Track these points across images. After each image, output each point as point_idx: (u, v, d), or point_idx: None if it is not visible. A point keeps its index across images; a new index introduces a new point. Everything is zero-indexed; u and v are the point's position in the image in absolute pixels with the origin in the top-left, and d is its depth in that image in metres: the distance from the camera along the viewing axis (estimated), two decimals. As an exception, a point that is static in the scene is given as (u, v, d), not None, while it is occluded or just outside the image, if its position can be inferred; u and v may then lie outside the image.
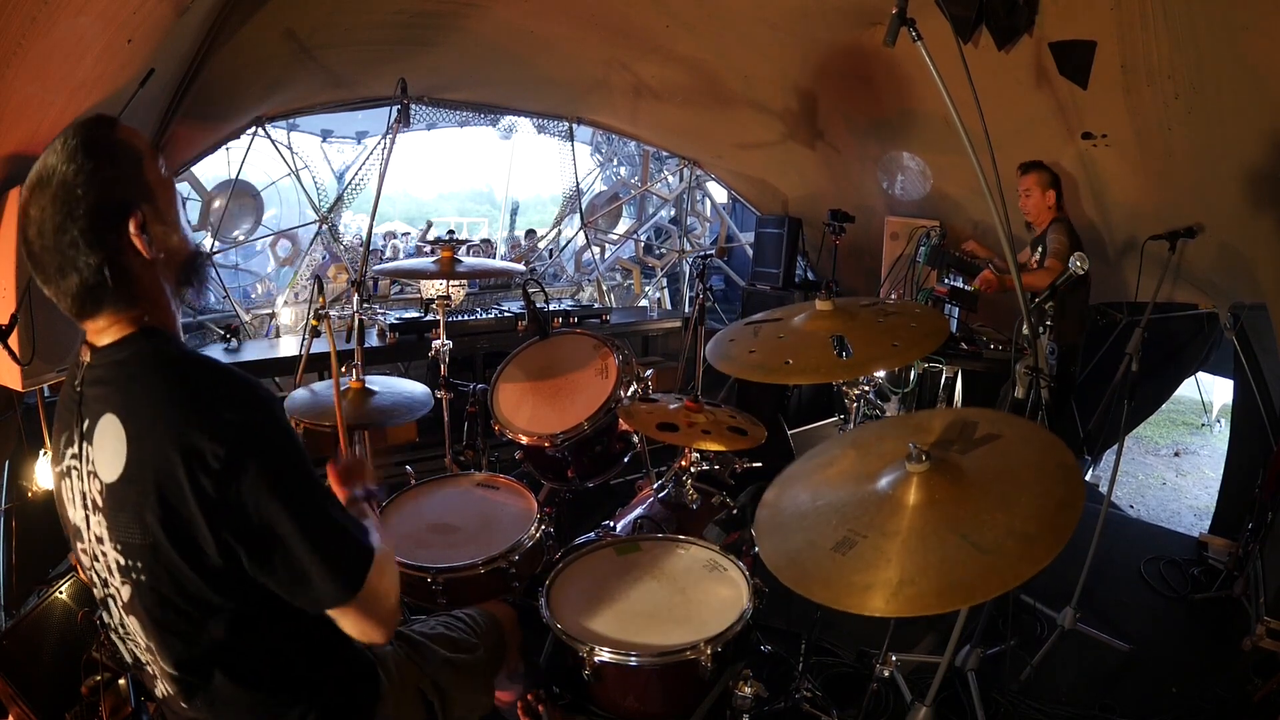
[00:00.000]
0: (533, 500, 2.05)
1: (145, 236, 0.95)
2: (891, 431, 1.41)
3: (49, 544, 2.23)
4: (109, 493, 0.93)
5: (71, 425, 0.98)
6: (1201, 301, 3.45)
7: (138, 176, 0.96)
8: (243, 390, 0.95)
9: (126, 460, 0.90)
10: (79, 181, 0.90)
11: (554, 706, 1.49)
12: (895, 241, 4.19)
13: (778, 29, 3.33)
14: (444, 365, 2.60)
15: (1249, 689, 2.20)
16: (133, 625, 0.98)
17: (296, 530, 0.93)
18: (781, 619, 2.31)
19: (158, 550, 0.90)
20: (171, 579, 0.92)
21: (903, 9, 1.69)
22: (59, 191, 0.90)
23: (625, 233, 6.17)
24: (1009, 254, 1.92)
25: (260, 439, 0.93)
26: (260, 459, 0.91)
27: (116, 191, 0.93)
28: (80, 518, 0.99)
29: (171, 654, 0.97)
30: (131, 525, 0.91)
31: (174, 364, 0.96)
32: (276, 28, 2.93)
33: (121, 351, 0.96)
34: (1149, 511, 4.93)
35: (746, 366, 1.70)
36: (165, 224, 0.99)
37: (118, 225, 0.93)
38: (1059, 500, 1.09)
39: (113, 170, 0.93)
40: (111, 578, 0.97)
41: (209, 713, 1.00)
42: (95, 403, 0.95)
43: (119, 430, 0.91)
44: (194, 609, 0.94)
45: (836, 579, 1.10)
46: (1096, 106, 2.81)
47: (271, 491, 0.91)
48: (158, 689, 1.04)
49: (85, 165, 0.90)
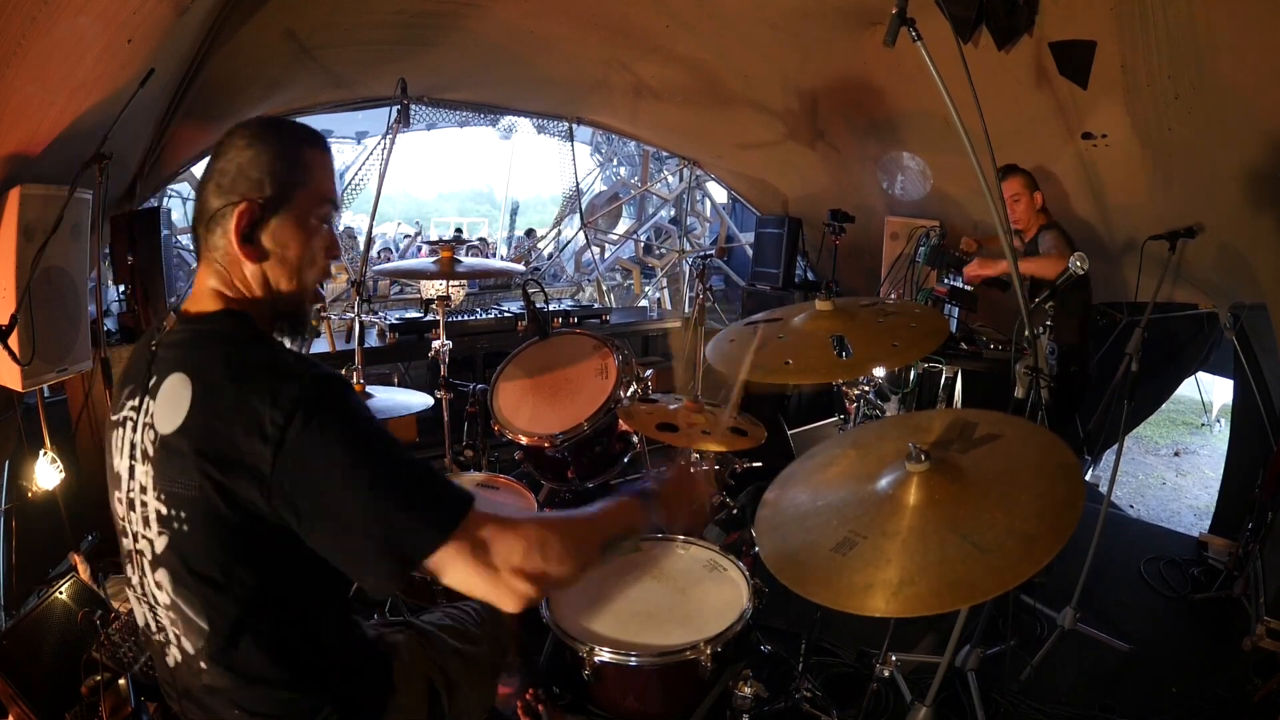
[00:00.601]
0: (533, 500, 2.05)
1: (250, 231, 1.02)
2: (891, 431, 1.41)
3: (49, 544, 2.23)
4: (163, 443, 0.95)
5: (138, 379, 1.02)
6: (1201, 301, 3.45)
7: (285, 175, 1.04)
8: (309, 367, 0.96)
9: (188, 414, 0.93)
10: (249, 148, 1.03)
11: (554, 706, 1.49)
12: (895, 241, 4.18)
13: (778, 29, 3.33)
14: (444, 365, 2.61)
15: (1249, 689, 2.20)
16: (161, 578, 0.98)
17: (368, 483, 0.91)
18: (781, 619, 2.31)
19: (204, 503, 0.92)
20: (210, 534, 0.93)
21: (903, 9, 1.69)
22: (228, 143, 1.04)
23: (625, 233, 6.17)
24: (1009, 254, 1.92)
25: (321, 408, 0.92)
26: (321, 425, 0.91)
27: (253, 173, 1.02)
28: (125, 466, 1.02)
29: (196, 612, 0.96)
30: (181, 476, 0.93)
31: (249, 341, 1.02)
32: (276, 28, 2.93)
33: (204, 323, 1.03)
34: (1149, 511, 4.94)
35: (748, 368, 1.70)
36: (281, 246, 1.05)
37: (234, 202, 1.02)
38: (1059, 500, 1.09)
39: (274, 153, 1.03)
40: (147, 529, 0.98)
41: (227, 679, 0.98)
42: (167, 362, 0.99)
43: (186, 387, 0.95)
44: (227, 566, 0.94)
45: (836, 579, 1.10)
46: (1096, 106, 2.81)
47: (334, 455, 0.90)
48: (170, 655, 1.03)
49: (256, 141, 1.03)
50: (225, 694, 1.00)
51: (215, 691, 1.00)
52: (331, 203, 1.10)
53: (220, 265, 1.05)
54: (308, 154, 1.07)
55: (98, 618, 1.75)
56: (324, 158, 1.10)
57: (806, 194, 4.87)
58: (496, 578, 0.94)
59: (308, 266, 1.09)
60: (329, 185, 1.10)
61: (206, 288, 1.06)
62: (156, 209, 2.93)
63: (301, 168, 1.05)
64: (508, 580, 0.94)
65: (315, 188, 1.07)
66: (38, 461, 2.12)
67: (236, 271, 1.05)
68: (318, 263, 1.11)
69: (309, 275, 1.10)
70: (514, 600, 0.96)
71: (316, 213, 1.08)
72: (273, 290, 1.07)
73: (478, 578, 0.94)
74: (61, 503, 2.25)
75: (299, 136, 1.08)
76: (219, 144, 1.06)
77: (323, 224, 1.09)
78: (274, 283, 1.07)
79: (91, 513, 2.57)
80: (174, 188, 4.38)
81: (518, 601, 0.96)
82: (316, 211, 1.07)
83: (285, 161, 1.04)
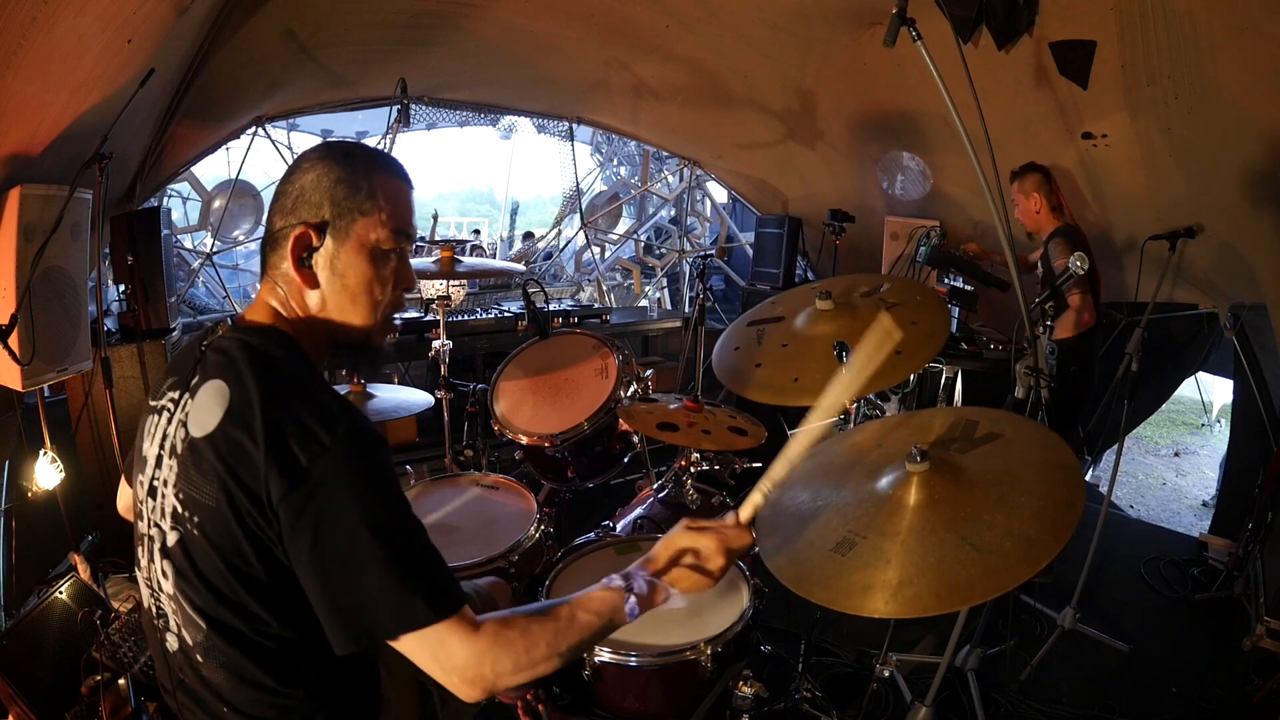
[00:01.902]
0: (532, 500, 2.05)
1: (306, 256, 1.01)
2: (892, 431, 1.41)
3: (49, 544, 2.23)
4: (192, 446, 0.96)
5: (183, 374, 1.02)
6: (1201, 301, 3.45)
7: (347, 200, 1.01)
8: (346, 415, 0.94)
9: (219, 426, 0.93)
10: (312, 170, 1.01)
11: (554, 706, 1.49)
12: (895, 241, 4.18)
13: (778, 29, 3.33)
14: (444, 365, 2.61)
15: (1249, 689, 2.20)
16: (167, 568, 0.99)
17: (364, 554, 0.89)
18: (781, 619, 2.31)
19: (219, 515, 0.92)
20: (219, 545, 0.93)
21: (903, 9, 1.69)
22: (298, 165, 1.04)
23: (625, 233, 6.17)
24: (1009, 254, 1.92)
25: (347, 466, 0.91)
26: (340, 486, 0.90)
27: (314, 197, 1.01)
28: (153, 454, 1.02)
29: (195, 611, 0.96)
30: (201, 483, 0.93)
31: (293, 367, 1.00)
32: (276, 28, 2.93)
33: (254, 336, 1.01)
34: (1149, 511, 4.94)
35: (755, 385, 1.70)
36: (340, 274, 1.03)
37: (293, 225, 1.01)
38: (1059, 501, 1.08)
39: (336, 177, 1.01)
40: (162, 520, 0.99)
41: (221, 675, 0.98)
42: (213, 367, 0.99)
43: (224, 398, 0.95)
44: (229, 580, 0.94)
45: (835, 580, 1.09)
46: (1096, 106, 2.81)
47: (346, 519, 0.90)
48: (169, 642, 1.03)
49: (320, 164, 1.02)
50: (218, 691, 0.99)
51: (209, 686, 1.00)
52: (403, 233, 1.05)
53: (280, 285, 1.04)
54: (376, 179, 1.03)
55: (98, 618, 1.75)
56: (395, 184, 1.05)
57: (806, 194, 4.87)
58: (447, 679, 0.93)
59: (371, 298, 1.05)
60: (400, 213, 1.05)
61: (264, 301, 1.05)
62: (156, 209, 2.92)
63: (366, 194, 1.02)
64: (456, 685, 0.94)
65: (381, 215, 1.02)
66: (38, 461, 2.12)
67: (295, 294, 1.04)
68: (386, 295, 1.06)
69: (374, 307, 1.06)
70: (464, 697, 0.95)
71: (382, 242, 1.03)
72: (334, 318, 1.05)
73: (432, 669, 0.94)
74: (61, 503, 2.25)
75: (368, 161, 1.04)
76: (290, 165, 1.05)
77: (390, 254, 1.05)
78: (334, 311, 1.04)
79: (91, 513, 2.57)
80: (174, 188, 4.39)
81: (468, 698, 0.95)
82: (382, 241, 1.03)
83: (348, 186, 1.01)
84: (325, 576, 0.91)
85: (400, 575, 0.90)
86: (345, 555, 0.90)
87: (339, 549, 0.90)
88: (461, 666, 0.92)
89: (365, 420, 0.98)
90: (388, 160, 1.07)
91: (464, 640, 0.92)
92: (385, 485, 0.94)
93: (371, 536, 0.89)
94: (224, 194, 4.27)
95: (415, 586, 0.91)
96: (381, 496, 0.93)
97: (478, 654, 0.92)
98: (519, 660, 0.94)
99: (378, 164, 1.05)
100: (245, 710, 0.99)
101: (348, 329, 1.06)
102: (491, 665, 0.93)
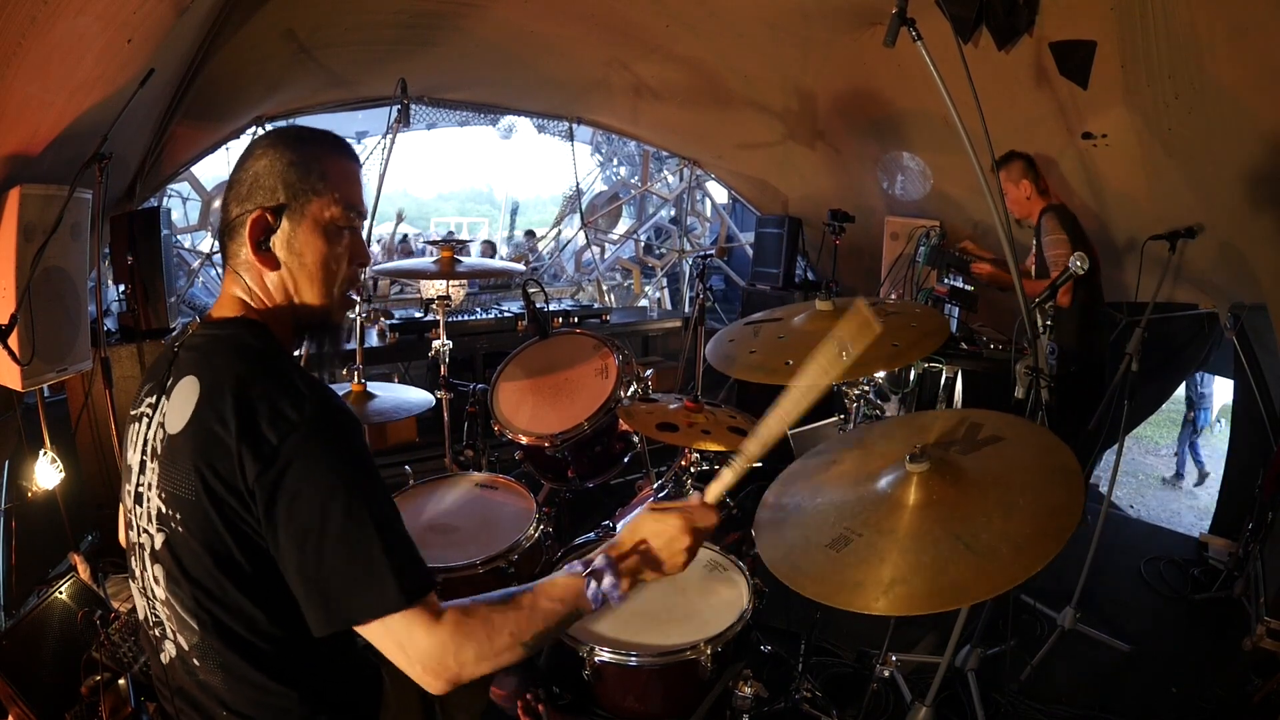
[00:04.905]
0: (532, 500, 2.05)
1: (264, 239, 1.03)
2: (892, 431, 1.41)
3: (49, 544, 2.23)
4: (169, 443, 0.97)
5: (158, 378, 1.05)
6: (1201, 301, 3.45)
7: (299, 182, 1.03)
8: (318, 394, 0.96)
9: (191, 417, 0.95)
10: (264, 156, 1.04)
11: (554, 707, 1.49)
12: (895, 241, 4.18)
13: (778, 29, 3.33)
14: (444, 365, 2.60)
15: (1249, 689, 2.20)
16: (158, 573, 0.99)
17: (337, 530, 0.90)
18: (781, 619, 2.31)
19: (199, 509, 0.93)
20: (203, 540, 0.94)
21: (903, 9, 1.69)
22: (248, 153, 1.07)
23: (625, 233, 6.18)
24: (1009, 254, 1.92)
25: (317, 442, 0.92)
26: (310, 460, 0.91)
27: (268, 181, 1.03)
28: (136, 461, 1.04)
29: (188, 612, 0.97)
30: (179, 478, 0.95)
31: (261, 351, 1.02)
32: (276, 28, 2.93)
33: (222, 329, 1.04)
34: (1149, 511, 4.94)
35: (747, 367, 1.70)
36: (298, 254, 1.05)
37: (249, 210, 1.03)
38: (1057, 505, 1.08)
39: (288, 161, 1.03)
40: (149, 524, 1.00)
41: (219, 676, 0.98)
42: (185, 364, 1.01)
43: (195, 390, 0.96)
44: (217, 576, 0.94)
45: (829, 575, 1.10)
46: (1096, 106, 2.81)
47: (318, 494, 0.90)
48: (165, 652, 1.03)
49: (271, 149, 1.04)
50: (216, 693, 0.99)
51: (207, 689, 1.00)
52: (354, 209, 1.08)
53: (242, 274, 1.06)
54: (326, 161, 1.06)
55: (98, 618, 1.75)
56: (343, 163, 1.08)
57: (806, 194, 4.87)
58: (410, 669, 0.93)
59: (329, 274, 1.08)
60: (350, 191, 1.08)
61: (229, 294, 1.07)
62: (156, 209, 2.92)
63: (318, 175, 1.04)
64: (419, 675, 0.93)
65: (334, 194, 1.05)
66: (38, 461, 2.12)
67: (257, 280, 1.06)
68: (341, 271, 1.09)
69: (332, 284, 1.09)
70: (428, 687, 0.94)
71: (336, 220, 1.06)
72: (295, 299, 1.07)
73: (397, 658, 0.93)
74: (61, 503, 2.25)
75: (316, 143, 1.07)
76: (242, 154, 1.07)
77: (344, 231, 1.08)
78: (296, 292, 1.07)
79: (91, 513, 2.58)
80: (174, 188, 4.39)
81: (431, 689, 0.94)
82: (336, 218, 1.06)
83: (300, 169, 1.03)
84: (300, 553, 0.91)
85: (372, 553, 0.90)
86: (318, 529, 0.90)
87: (311, 523, 0.90)
88: (424, 656, 0.92)
89: (337, 399, 0.98)
90: (336, 141, 1.10)
91: (427, 629, 0.92)
92: (356, 461, 0.94)
93: (343, 511, 0.90)
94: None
95: (387, 565, 0.91)
96: (352, 472, 0.93)
97: (440, 644, 0.92)
98: (481, 650, 0.94)
99: (327, 146, 1.08)
100: (243, 711, 0.99)
101: (309, 309, 1.09)
102: (455, 655, 0.93)
